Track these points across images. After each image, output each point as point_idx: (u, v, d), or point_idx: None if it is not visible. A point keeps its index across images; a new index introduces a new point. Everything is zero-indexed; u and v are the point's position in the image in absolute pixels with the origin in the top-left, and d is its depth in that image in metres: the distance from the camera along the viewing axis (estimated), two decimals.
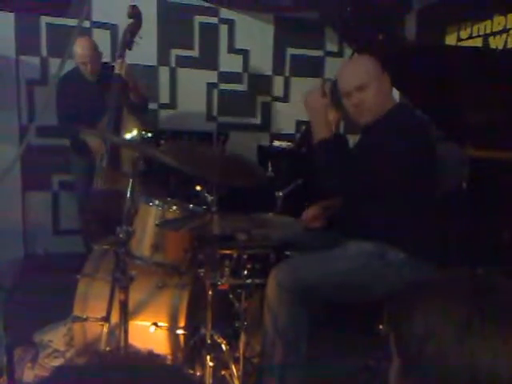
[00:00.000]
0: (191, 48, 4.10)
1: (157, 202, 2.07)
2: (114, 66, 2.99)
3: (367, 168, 1.80)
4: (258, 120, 4.39)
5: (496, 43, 3.22)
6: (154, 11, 3.89)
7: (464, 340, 0.64)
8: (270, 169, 3.02)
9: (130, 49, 2.97)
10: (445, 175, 2.07)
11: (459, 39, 3.53)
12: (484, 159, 2.48)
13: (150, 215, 2.06)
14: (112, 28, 3.82)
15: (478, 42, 3.34)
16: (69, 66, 3.12)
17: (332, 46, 4.46)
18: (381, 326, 1.91)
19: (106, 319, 1.94)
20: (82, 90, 3.13)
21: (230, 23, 4.17)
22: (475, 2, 3.32)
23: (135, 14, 2.95)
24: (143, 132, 2.89)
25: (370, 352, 2.06)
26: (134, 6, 2.97)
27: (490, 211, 2.35)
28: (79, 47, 3.03)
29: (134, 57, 3.15)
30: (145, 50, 3.12)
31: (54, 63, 3.69)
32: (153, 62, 3.99)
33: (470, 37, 3.43)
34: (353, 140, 2.18)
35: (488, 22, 3.27)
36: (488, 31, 3.28)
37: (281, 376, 1.71)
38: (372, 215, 1.78)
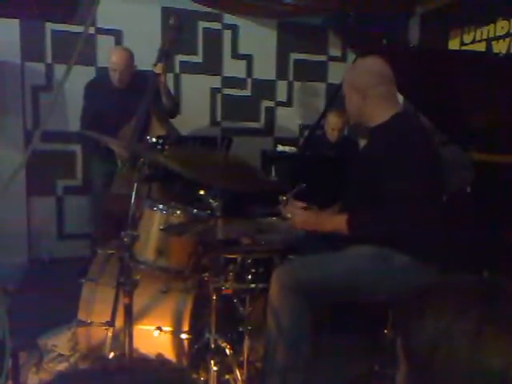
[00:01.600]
0: (195, 54, 4.12)
1: (161, 206, 2.08)
2: (143, 73, 3.01)
3: (369, 174, 1.81)
4: (261, 125, 4.40)
5: (499, 47, 3.22)
6: (158, 17, 3.91)
7: (476, 346, 0.64)
8: (273, 173, 3.03)
9: (168, 57, 3.02)
10: (449, 179, 2.06)
11: (462, 43, 3.53)
12: (488, 163, 2.48)
13: (155, 220, 2.06)
14: (116, 34, 3.85)
15: (482, 47, 3.34)
16: (76, 73, 3.14)
17: (335, 51, 4.47)
18: (385, 331, 1.90)
19: (111, 324, 1.95)
20: (107, 95, 3.16)
21: (234, 29, 4.19)
22: (478, 7, 3.32)
23: (178, 25, 2.99)
24: (148, 137, 2.90)
25: (375, 356, 2.05)
26: (177, 15, 3.02)
27: (494, 215, 2.34)
28: (114, 55, 3.09)
29: (138, 63, 3.18)
30: (149, 56, 3.13)
31: (59, 69, 3.72)
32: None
33: (474, 41, 3.44)
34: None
35: (491, 27, 3.28)
36: (491, 35, 3.28)
37: (283, 378, 1.71)
38: (374, 220, 1.77)
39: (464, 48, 3.48)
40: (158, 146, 1.91)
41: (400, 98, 3.47)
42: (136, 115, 2.93)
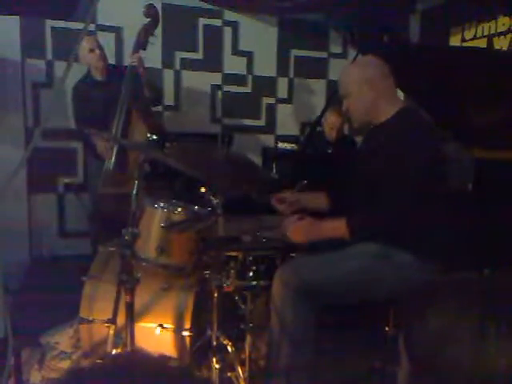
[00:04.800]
0: (195, 50, 4.11)
1: (162, 204, 2.08)
2: (120, 68, 3.00)
3: (371, 172, 1.81)
4: (262, 122, 4.40)
5: (500, 44, 3.21)
6: (159, 14, 3.90)
7: (477, 343, 0.64)
8: (274, 170, 3.03)
9: (144, 49, 2.97)
10: (450, 176, 2.06)
11: (463, 40, 3.52)
12: (490, 160, 2.47)
13: (156, 217, 2.06)
14: (117, 31, 3.84)
15: (483, 43, 3.34)
16: (76, 70, 3.14)
17: (336, 48, 4.47)
18: (387, 328, 1.90)
19: (112, 321, 1.95)
20: (95, 92, 3.14)
21: (234, 25, 4.18)
22: (479, 3, 3.31)
23: (152, 13, 2.93)
24: (149, 134, 2.89)
25: (376, 354, 2.05)
26: (151, 4, 2.96)
27: (496, 212, 2.34)
28: (85, 42, 3.03)
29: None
30: (149, 53, 3.12)
31: (60, 66, 3.71)
32: (157, 64, 4.00)
33: (475, 37, 3.43)
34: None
35: (492, 23, 3.27)
36: (492, 32, 3.27)
37: (287, 376, 1.71)
38: (376, 218, 1.77)
39: (465, 44, 3.47)
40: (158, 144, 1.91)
41: (401, 94, 3.48)
42: (117, 110, 2.91)
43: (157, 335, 2.02)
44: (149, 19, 2.94)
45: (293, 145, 3.74)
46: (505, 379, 0.64)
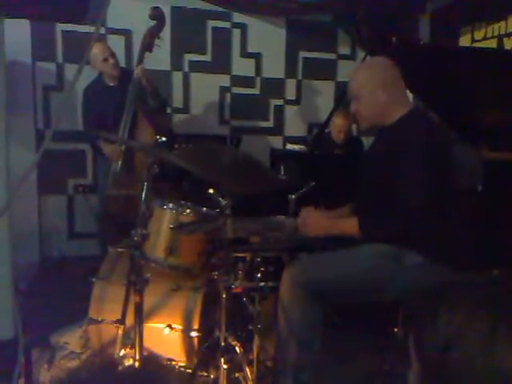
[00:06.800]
0: (204, 52, 4.13)
1: (171, 205, 2.08)
2: (132, 71, 3.03)
3: (381, 174, 1.80)
4: (270, 123, 4.40)
5: (511, 44, 3.19)
6: (168, 16, 3.92)
7: (489, 345, 0.63)
8: (282, 172, 3.02)
9: (150, 51, 2.98)
10: (460, 178, 2.05)
11: (473, 40, 3.50)
12: (499, 161, 2.46)
13: (165, 218, 2.07)
14: (126, 34, 3.87)
15: (493, 43, 3.32)
16: (87, 72, 3.17)
17: (344, 49, 4.46)
18: (396, 329, 1.89)
19: (121, 322, 1.96)
20: (106, 96, 3.17)
21: (243, 27, 4.19)
22: (489, 3, 3.30)
23: (157, 15, 2.95)
24: (158, 136, 2.91)
25: (384, 355, 2.05)
26: (157, 7, 2.98)
27: (505, 213, 2.32)
28: (96, 48, 3.05)
29: (147, 62, 3.18)
30: (158, 55, 3.14)
31: (70, 69, 3.75)
32: (166, 66, 4.02)
33: (485, 38, 3.41)
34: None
35: (502, 23, 3.25)
36: (502, 32, 3.25)
37: (295, 376, 1.71)
38: (388, 220, 1.76)
39: (475, 45, 3.45)
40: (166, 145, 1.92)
41: (409, 95, 3.46)
42: (124, 114, 2.93)
43: (165, 336, 2.02)
44: (154, 22, 2.96)
45: (301, 146, 3.74)
46: None
